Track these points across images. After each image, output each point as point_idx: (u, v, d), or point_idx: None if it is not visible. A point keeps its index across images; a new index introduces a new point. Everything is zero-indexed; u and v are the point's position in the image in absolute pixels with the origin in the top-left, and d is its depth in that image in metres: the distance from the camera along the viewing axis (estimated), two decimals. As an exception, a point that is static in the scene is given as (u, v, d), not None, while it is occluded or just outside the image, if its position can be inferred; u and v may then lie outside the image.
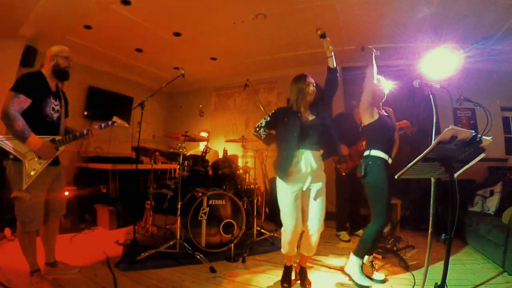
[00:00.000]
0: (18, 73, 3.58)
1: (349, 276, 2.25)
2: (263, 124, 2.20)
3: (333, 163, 3.46)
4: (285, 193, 2.02)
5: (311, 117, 2.08)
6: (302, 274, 2.22)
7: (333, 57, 2.04)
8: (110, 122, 2.33)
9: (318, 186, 2.03)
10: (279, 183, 2.06)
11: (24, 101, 1.87)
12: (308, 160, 1.99)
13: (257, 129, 2.22)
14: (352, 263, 2.23)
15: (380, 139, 2.22)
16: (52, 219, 2.17)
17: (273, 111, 2.19)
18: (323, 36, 1.99)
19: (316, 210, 2.03)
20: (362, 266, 2.22)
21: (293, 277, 2.27)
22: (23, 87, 1.89)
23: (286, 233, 2.04)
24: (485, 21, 3.24)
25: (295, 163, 1.98)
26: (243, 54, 4.72)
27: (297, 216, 2.00)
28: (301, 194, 2.03)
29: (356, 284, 2.15)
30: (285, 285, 2.15)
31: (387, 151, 2.22)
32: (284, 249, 2.15)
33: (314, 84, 2.07)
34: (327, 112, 2.14)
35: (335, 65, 2.04)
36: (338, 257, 2.80)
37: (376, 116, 2.24)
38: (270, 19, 3.50)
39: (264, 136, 2.22)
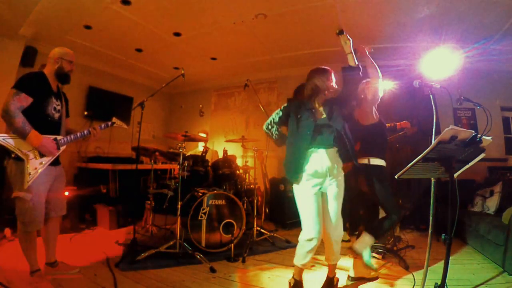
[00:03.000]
0: (18, 73, 3.59)
1: (355, 253, 2.17)
2: (276, 119, 2.01)
3: None
4: (305, 195, 1.84)
5: (323, 116, 1.94)
6: (333, 285, 2.06)
7: (353, 53, 1.87)
8: (109, 123, 2.33)
9: (335, 186, 1.89)
10: (296, 186, 1.88)
11: (25, 99, 1.87)
12: (322, 158, 1.84)
13: (269, 126, 2.04)
14: (365, 241, 2.17)
15: (380, 143, 2.23)
16: (53, 219, 2.17)
17: (285, 105, 2.03)
18: (340, 33, 1.91)
19: (336, 213, 1.90)
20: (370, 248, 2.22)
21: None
22: (24, 85, 1.90)
23: (311, 242, 1.78)
24: (485, 21, 3.24)
25: (309, 163, 1.84)
26: (243, 54, 4.72)
27: (321, 220, 1.82)
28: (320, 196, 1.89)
29: (366, 263, 2.13)
30: None
31: (384, 156, 2.24)
32: (302, 260, 1.84)
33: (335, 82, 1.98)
34: (340, 114, 1.97)
35: (356, 63, 1.88)
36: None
37: (377, 118, 2.24)
38: (270, 19, 3.50)
39: (276, 135, 2.04)
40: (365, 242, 2.18)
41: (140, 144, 2.98)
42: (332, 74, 1.99)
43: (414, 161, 1.50)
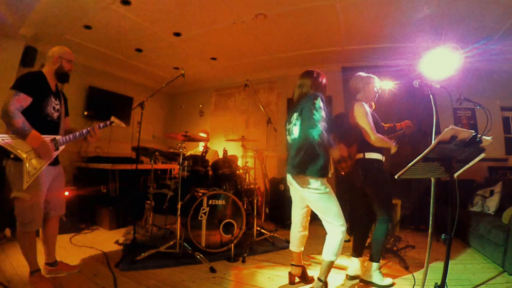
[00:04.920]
0: (18, 73, 3.58)
1: (369, 283, 2.17)
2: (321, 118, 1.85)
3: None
4: (331, 190, 1.95)
5: None
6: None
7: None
8: (108, 122, 2.33)
9: None
10: (326, 182, 1.93)
11: (24, 99, 1.87)
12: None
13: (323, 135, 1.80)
14: (373, 269, 2.17)
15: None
16: (52, 219, 2.17)
17: (321, 97, 1.91)
18: None
19: None
20: (380, 268, 2.19)
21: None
22: (23, 85, 1.89)
23: (344, 232, 1.92)
24: (485, 21, 3.24)
25: None
26: (243, 54, 4.72)
27: None
28: None
29: (381, 287, 2.13)
30: None
31: (381, 151, 2.23)
32: (339, 254, 1.93)
33: None
34: None
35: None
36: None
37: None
38: (270, 19, 3.50)
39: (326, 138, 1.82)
40: (372, 270, 2.18)
41: (140, 144, 2.98)
42: None
43: (414, 161, 1.50)
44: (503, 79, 4.20)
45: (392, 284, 2.15)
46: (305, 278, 2.21)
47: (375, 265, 2.17)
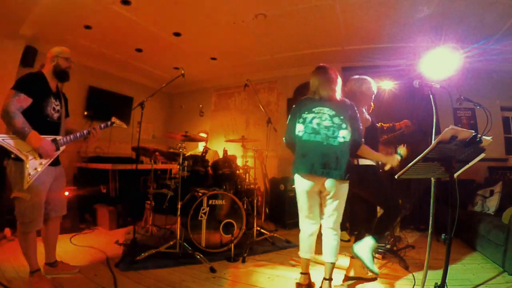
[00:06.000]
0: (18, 73, 3.59)
1: (355, 256, 2.15)
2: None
3: None
4: None
5: None
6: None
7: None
8: (109, 123, 2.32)
9: None
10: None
11: (24, 100, 1.87)
12: None
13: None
14: (367, 244, 2.12)
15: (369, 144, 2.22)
16: (53, 219, 2.17)
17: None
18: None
19: None
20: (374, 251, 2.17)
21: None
22: (24, 86, 1.89)
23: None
24: (485, 21, 3.24)
25: None
26: (243, 54, 4.72)
27: None
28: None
29: (368, 267, 2.10)
30: None
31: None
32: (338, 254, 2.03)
33: None
34: None
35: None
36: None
37: (369, 121, 2.24)
38: (270, 19, 3.50)
39: None
40: (367, 246, 2.13)
41: (140, 144, 2.98)
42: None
43: (414, 161, 1.50)
44: (503, 79, 4.20)
45: (377, 275, 2.17)
46: (310, 286, 2.13)
47: (369, 241, 2.12)
